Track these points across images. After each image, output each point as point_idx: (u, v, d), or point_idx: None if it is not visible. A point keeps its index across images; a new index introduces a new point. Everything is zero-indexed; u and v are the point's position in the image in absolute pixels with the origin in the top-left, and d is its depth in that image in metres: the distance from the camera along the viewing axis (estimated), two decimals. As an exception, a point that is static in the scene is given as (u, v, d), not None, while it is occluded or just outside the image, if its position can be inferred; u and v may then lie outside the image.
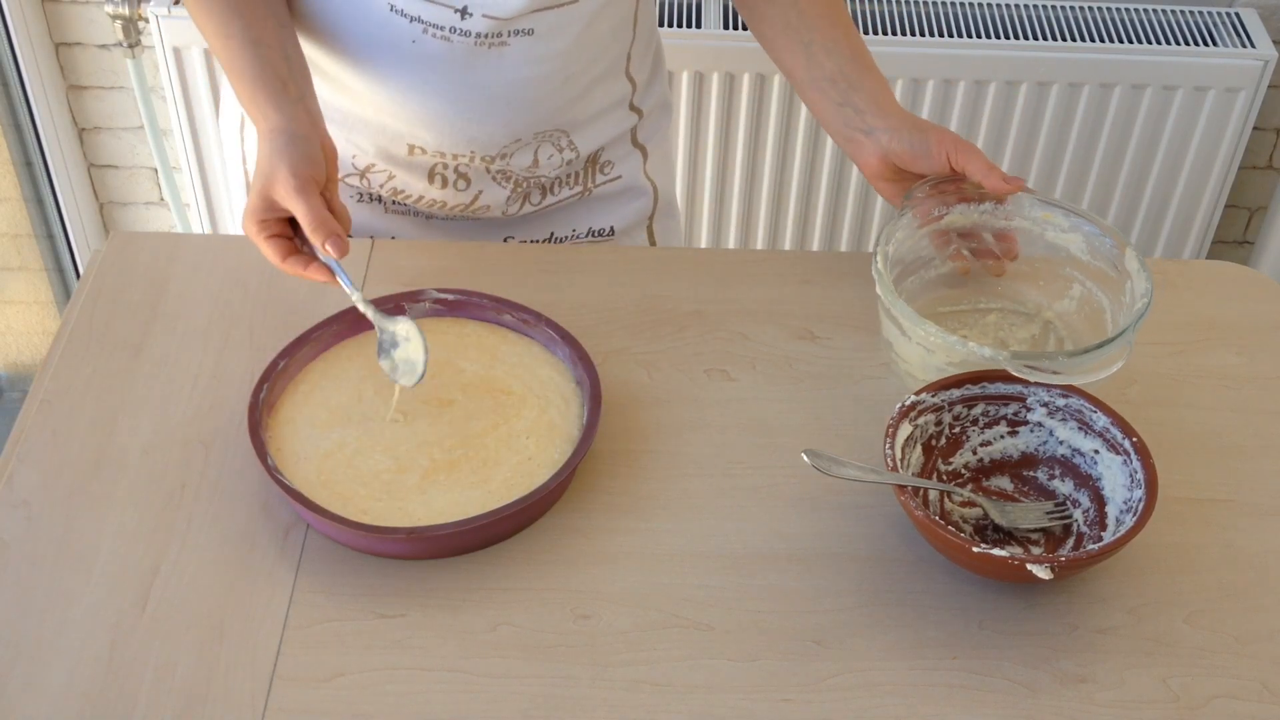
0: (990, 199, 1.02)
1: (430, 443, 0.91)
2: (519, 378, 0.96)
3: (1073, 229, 1.02)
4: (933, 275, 1.05)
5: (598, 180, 1.19)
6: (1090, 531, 0.88)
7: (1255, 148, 1.86)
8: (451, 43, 1.01)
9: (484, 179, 1.12)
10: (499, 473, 0.90)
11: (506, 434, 0.92)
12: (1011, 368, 0.90)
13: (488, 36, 1.01)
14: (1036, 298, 1.05)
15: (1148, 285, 0.95)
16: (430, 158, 1.09)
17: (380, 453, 0.91)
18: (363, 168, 1.11)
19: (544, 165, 1.12)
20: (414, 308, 0.99)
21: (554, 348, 0.98)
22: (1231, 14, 1.72)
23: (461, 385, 0.95)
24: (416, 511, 0.87)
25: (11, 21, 1.76)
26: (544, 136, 1.10)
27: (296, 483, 0.88)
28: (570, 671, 0.81)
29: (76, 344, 1.00)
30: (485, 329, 1.00)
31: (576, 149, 1.13)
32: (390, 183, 1.12)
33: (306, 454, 0.90)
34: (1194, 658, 0.83)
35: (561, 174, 1.16)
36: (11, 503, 0.89)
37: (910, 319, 0.93)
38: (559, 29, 1.03)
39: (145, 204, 2.01)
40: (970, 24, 1.70)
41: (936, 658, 0.82)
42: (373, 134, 1.09)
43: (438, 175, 1.11)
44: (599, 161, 1.17)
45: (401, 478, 0.89)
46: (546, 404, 0.94)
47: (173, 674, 0.80)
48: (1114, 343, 0.92)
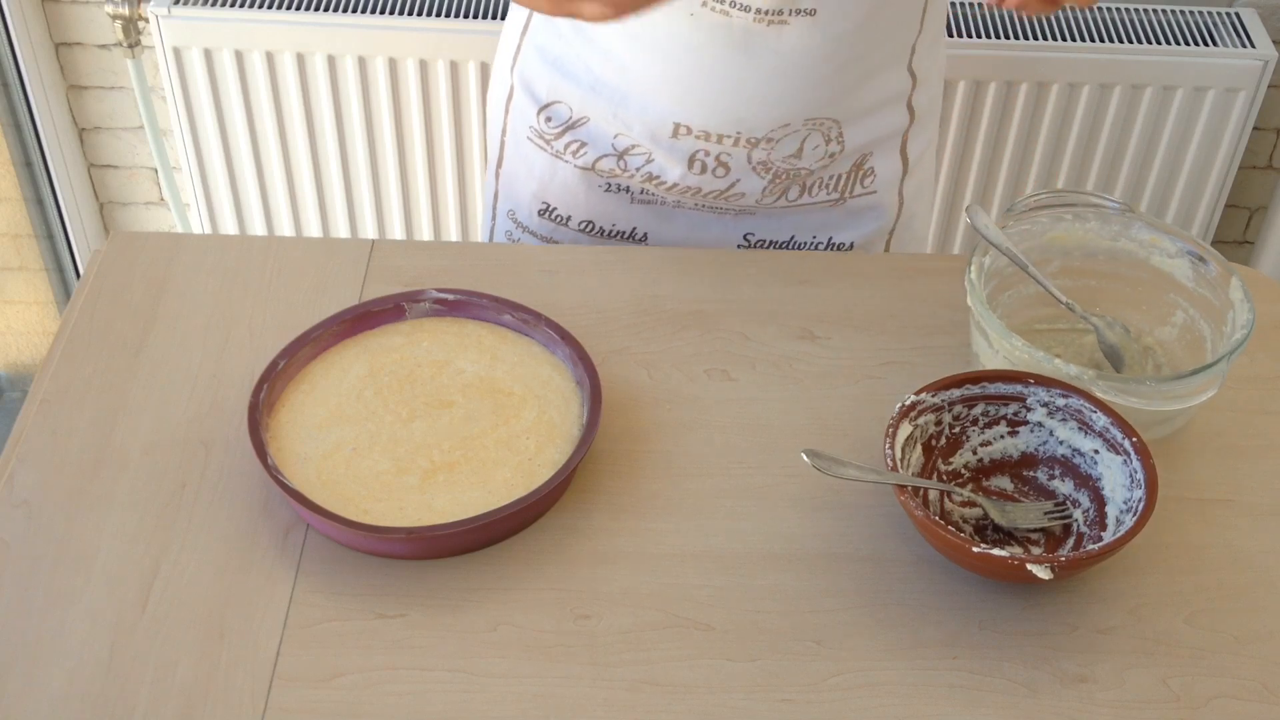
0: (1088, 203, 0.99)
1: (430, 444, 0.91)
2: (519, 378, 0.96)
3: (1179, 254, 1.00)
4: (1031, 292, 1.02)
5: (855, 191, 1.15)
6: (1090, 531, 0.88)
7: (1255, 148, 1.86)
8: (730, 17, 0.99)
9: (744, 168, 1.10)
10: (499, 473, 0.90)
11: (506, 434, 0.92)
12: (1098, 390, 0.90)
13: (768, 13, 0.99)
14: (1138, 322, 1.02)
15: (1249, 316, 0.93)
16: (694, 140, 1.08)
17: (380, 453, 0.91)
18: (623, 149, 1.10)
19: (808, 155, 1.10)
20: (414, 307, 0.99)
21: (554, 348, 0.98)
22: (1231, 14, 1.72)
23: (461, 386, 0.95)
24: (417, 512, 0.87)
25: (11, 21, 1.76)
26: (814, 124, 1.08)
27: (297, 483, 0.88)
28: (570, 671, 0.81)
29: (76, 344, 1.00)
30: (485, 329, 1.00)
31: (843, 143, 1.11)
32: (647, 166, 1.11)
33: (307, 454, 0.90)
34: (1194, 658, 0.83)
35: (821, 172, 1.13)
36: (11, 502, 0.89)
37: (999, 331, 0.92)
38: (843, 11, 1.01)
39: (145, 204, 2.01)
40: (970, 24, 1.70)
41: (937, 658, 0.82)
42: (640, 110, 1.07)
43: (698, 161, 1.09)
44: (862, 169, 1.14)
45: (402, 479, 0.89)
46: (546, 404, 0.94)
47: (173, 674, 0.80)
48: (1203, 372, 0.90)
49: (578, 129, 1.11)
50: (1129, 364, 0.99)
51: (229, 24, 1.67)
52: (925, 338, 1.03)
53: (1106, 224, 1.02)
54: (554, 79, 1.11)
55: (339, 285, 1.06)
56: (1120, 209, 1.02)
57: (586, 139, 1.12)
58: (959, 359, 1.02)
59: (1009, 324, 0.95)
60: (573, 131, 1.12)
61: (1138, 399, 0.90)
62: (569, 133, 1.12)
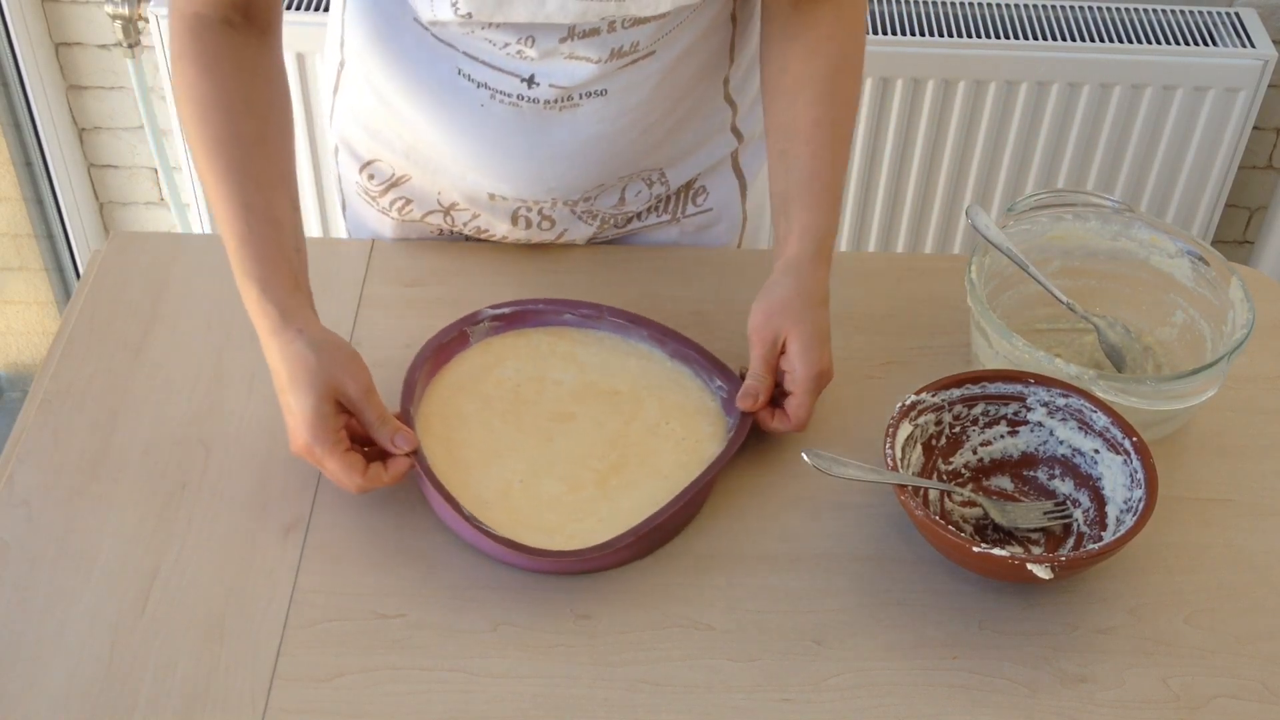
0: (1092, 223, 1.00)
1: (581, 455, 0.91)
2: (614, 374, 0.96)
3: (1179, 254, 0.99)
4: (1031, 292, 1.01)
5: (688, 210, 1.13)
6: (1090, 531, 0.88)
7: (1255, 147, 1.86)
8: (520, 108, 0.98)
9: (569, 219, 1.08)
10: (664, 459, 0.90)
11: (643, 426, 0.93)
12: (1098, 390, 0.90)
13: (557, 102, 0.98)
14: (1138, 322, 1.02)
15: (1249, 316, 0.92)
16: (512, 203, 1.06)
17: (545, 477, 0.90)
18: (447, 205, 1.09)
19: (632, 201, 1.09)
20: (474, 330, 0.98)
21: (627, 334, 0.98)
22: (1231, 14, 1.72)
23: (570, 396, 0.95)
24: (612, 518, 0.87)
25: (11, 21, 1.76)
26: (631, 177, 1.07)
27: (504, 530, 0.86)
28: (570, 671, 0.81)
29: (77, 344, 1.00)
30: (552, 334, 0.99)
31: (668, 182, 1.09)
32: (474, 222, 1.09)
33: (485, 499, 0.88)
34: (1194, 657, 0.83)
35: (649, 206, 1.11)
36: (11, 502, 0.89)
37: (999, 331, 0.92)
38: (634, 85, 0.99)
39: (145, 204, 2.01)
40: (970, 24, 1.70)
41: (937, 657, 0.82)
42: (454, 179, 1.06)
43: (521, 217, 1.07)
44: (692, 188, 1.12)
45: (580, 494, 0.89)
46: (657, 390, 0.95)
47: (173, 674, 0.80)
48: (1203, 372, 0.90)
49: (400, 186, 1.09)
50: (1129, 364, 0.99)
51: (229, 24, 1.66)
52: (926, 337, 1.03)
53: (1107, 224, 1.02)
54: (370, 141, 1.08)
55: (339, 285, 1.06)
56: (1120, 209, 1.02)
57: (410, 195, 1.09)
58: (959, 359, 1.02)
59: (1009, 324, 0.95)
60: (395, 189, 1.09)
61: (1138, 399, 0.90)
62: (392, 190, 1.09)
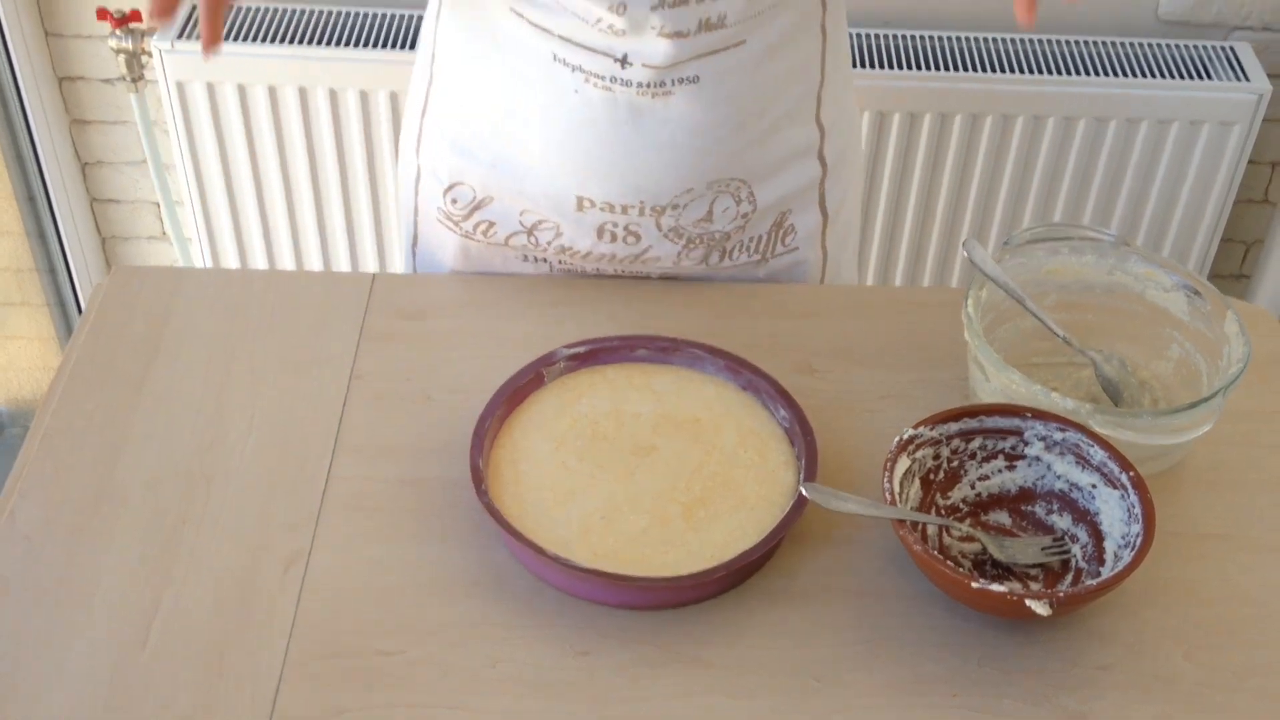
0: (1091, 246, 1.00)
1: (665, 488, 0.91)
2: (693, 405, 0.97)
3: (1175, 288, 1.00)
4: (1028, 326, 1.01)
5: (777, 250, 1.12)
6: (1089, 567, 0.88)
7: (1250, 181, 1.87)
8: (613, 92, 0.99)
9: (654, 235, 1.07)
10: (749, 491, 0.91)
11: (725, 457, 0.93)
12: (1095, 424, 0.90)
13: (650, 85, 0.99)
14: (1135, 356, 1.02)
15: (1245, 350, 0.93)
16: (599, 213, 1.06)
17: (629, 513, 0.90)
18: (531, 224, 1.08)
19: (719, 219, 1.08)
20: (550, 370, 0.98)
21: (700, 366, 0.99)
22: (1226, 48, 1.73)
23: (649, 429, 0.95)
24: (703, 551, 0.87)
25: (15, 55, 1.78)
26: (720, 186, 1.06)
27: (597, 567, 0.85)
28: (570, 709, 0.81)
29: (78, 379, 1.01)
30: (626, 370, 0.99)
31: (755, 202, 1.08)
32: (558, 240, 1.09)
33: (566, 539, 0.88)
34: (1193, 693, 0.83)
35: (739, 234, 1.10)
36: (13, 538, 0.89)
37: (996, 365, 0.92)
38: (725, 74, 1.00)
39: (148, 238, 2.02)
40: (967, 58, 1.71)
41: (936, 694, 0.82)
42: (542, 186, 1.06)
43: (607, 231, 1.07)
44: (783, 226, 1.11)
45: (668, 527, 0.89)
46: (735, 419, 0.95)
47: (173, 710, 0.80)
48: (1200, 406, 0.90)
49: (484, 209, 1.09)
50: (1126, 398, 1.00)
51: (232, 59, 1.68)
52: (923, 371, 1.04)
53: (1103, 258, 1.02)
54: (455, 160, 1.09)
55: (340, 319, 1.06)
56: (1116, 242, 1.03)
57: (494, 218, 1.10)
58: (957, 392, 1.02)
59: (1006, 358, 0.96)
60: (479, 212, 1.10)
61: (1135, 433, 0.91)
62: (476, 213, 1.10)
